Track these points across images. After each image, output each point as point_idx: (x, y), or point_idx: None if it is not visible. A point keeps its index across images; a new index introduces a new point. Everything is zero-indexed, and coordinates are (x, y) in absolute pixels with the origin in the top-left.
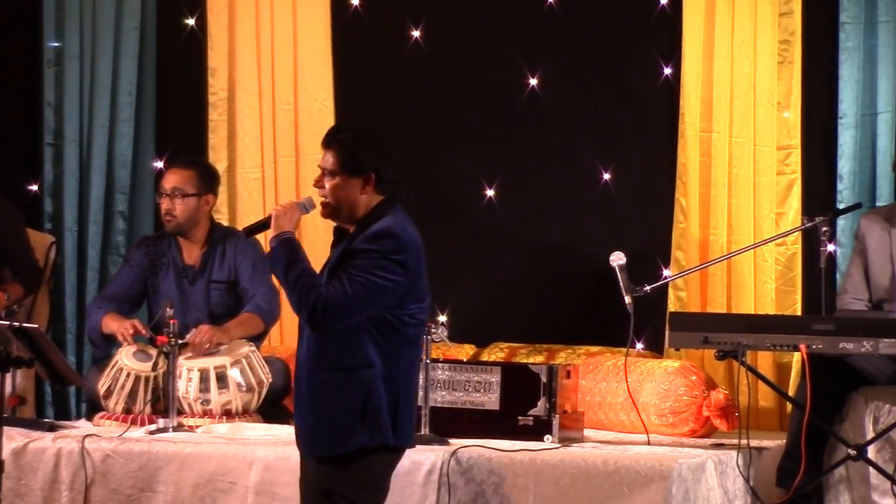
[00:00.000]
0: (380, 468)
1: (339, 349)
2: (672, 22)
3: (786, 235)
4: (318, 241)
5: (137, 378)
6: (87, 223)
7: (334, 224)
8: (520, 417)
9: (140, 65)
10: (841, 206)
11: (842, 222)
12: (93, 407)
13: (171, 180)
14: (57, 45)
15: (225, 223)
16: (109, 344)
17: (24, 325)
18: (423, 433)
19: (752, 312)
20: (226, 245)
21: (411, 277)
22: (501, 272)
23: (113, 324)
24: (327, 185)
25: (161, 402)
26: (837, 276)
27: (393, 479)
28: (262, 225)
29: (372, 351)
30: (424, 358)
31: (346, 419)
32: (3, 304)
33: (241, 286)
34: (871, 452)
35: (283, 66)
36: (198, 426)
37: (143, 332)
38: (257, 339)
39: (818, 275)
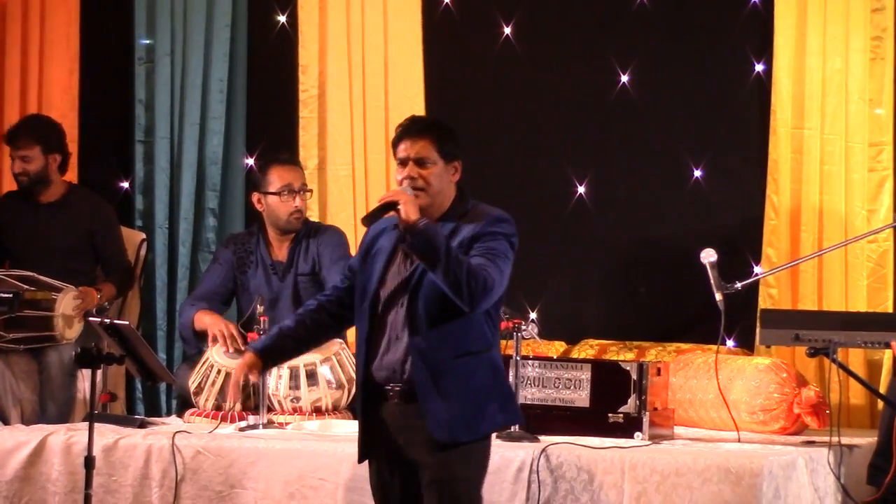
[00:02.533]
0: (490, 448)
1: (468, 333)
2: (763, 19)
3: (877, 232)
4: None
5: (228, 375)
6: (177, 220)
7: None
8: (610, 414)
9: (231, 62)
10: None
11: None
12: (183, 403)
13: (298, 177)
14: (148, 42)
15: (315, 220)
16: (201, 340)
17: (115, 321)
18: (513, 430)
19: (844, 310)
20: (310, 239)
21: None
22: (591, 269)
23: (206, 318)
24: (426, 174)
25: (251, 400)
26: None
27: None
28: (383, 209)
29: (488, 333)
30: (515, 355)
31: (486, 402)
32: (97, 303)
33: (321, 274)
34: None
35: (374, 63)
36: (287, 423)
37: (238, 341)
38: (344, 334)
39: None
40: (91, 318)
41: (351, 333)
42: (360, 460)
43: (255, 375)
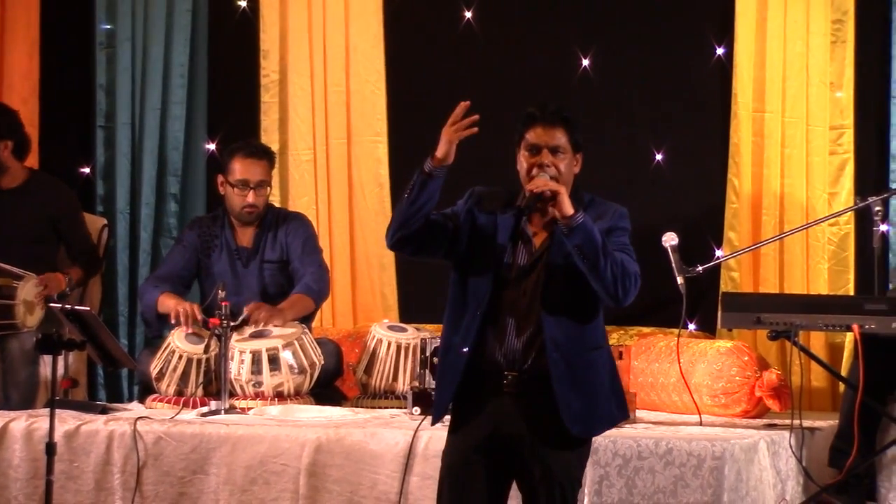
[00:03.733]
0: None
1: (598, 326)
2: (724, 2)
3: (839, 215)
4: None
5: (189, 360)
6: (139, 205)
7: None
8: None
9: (192, 47)
10: (894, 185)
11: (895, 202)
12: (145, 389)
13: (255, 172)
14: (109, 27)
15: (277, 205)
16: (163, 324)
17: (76, 307)
18: None
19: (805, 293)
20: (278, 226)
21: None
22: None
23: (170, 301)
24: (558, 163)
25: (213, 385)
26: (890, 255)
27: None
28: (538, 198)
29: (604, 328)
30: None
31: (612, 396)
32: (64, 286)
33: (291, 266)
34: None
35: (335, 47)
36: (250, 408)
37: (198, 317)
38: (307, 319)
39: (871, 255)
40: (52, 305)
41: (327, 318)
42: (435, 421)
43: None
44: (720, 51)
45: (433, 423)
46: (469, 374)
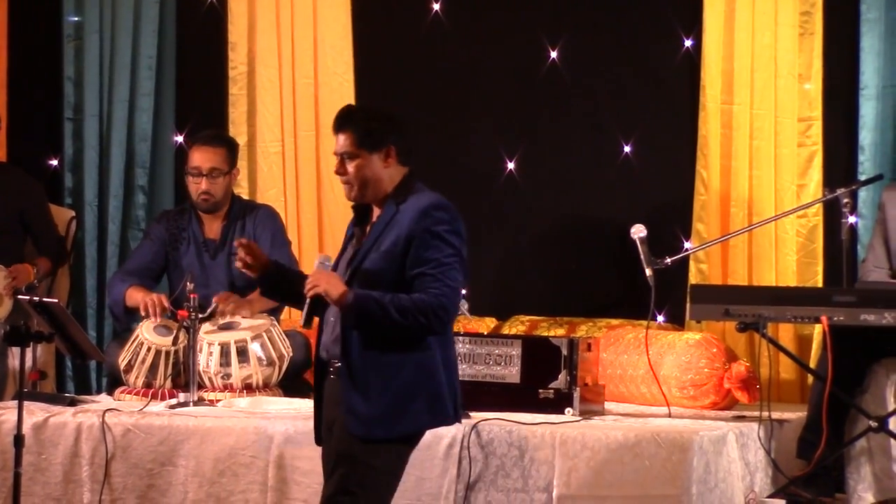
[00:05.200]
0: (409, 451)
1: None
2: None
3: (807, 207)
4: (340, 217)
5: (158, 352)
6: (107, 198)
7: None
8: (540, 390)
9: (160, 39)
10: (862, 177)
11: (863, 194)
12: (113, 381)
13: (207, 160)
14: (77, 19)
15: (245, 197)
16: (131, 317)
17: (44, 299)
18: None
19: (774, 284)
20: (245, 218)
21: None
22: (522, 245)
23: (138, 295)
24: (350, 168)
25: (182, 377)
26: (859, 247)
27: (414, 452)
28: (315, 305)
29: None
30: None
31: (409, 401)
32: (33, 277)
33: None
34: (893, 424)
35: (303, 39)
36: (218, 400)
37: (167, 307)
38: (276, 311)
39: (839, 247)
40: (20, 297)
41: (296, 311)
42: (317, 439)
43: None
44: (688, 43)
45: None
46: (317, 367)
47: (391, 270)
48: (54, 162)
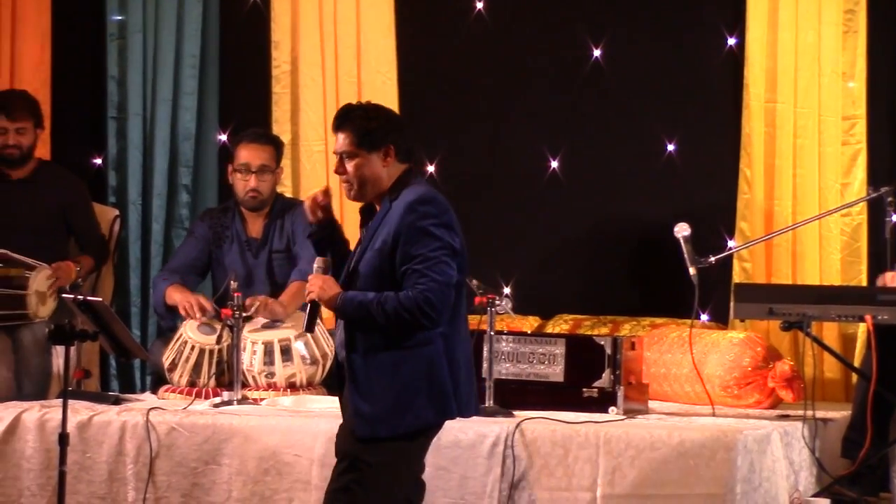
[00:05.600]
0: (417, 446)
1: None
2: None
3: (851, 206)
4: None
5: (202, 351)
6: (150, 197)
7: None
8: (584, 389)
9: (203, 38)
10: None
11: None
12: (157, 380)
13: (256, 157)
14: (120, 18)
15: (289, 196)
16: (174, 316)
17: (89, 298)
18: (487, 405)
19: (818, 283)
20: (286, 216)
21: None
22: (566, 244)
23: (176, 295)
24: (349, 167)
25: (225, 376)
26: None
27: (457, 450)
28: (314, 311)
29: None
30: (489, 330)
31: (412, 398)
32: (75, 276)
33: (294, 251)
34: None
35: (346, 38)
36: (262, 399)
37: (209, 308)
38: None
39: (883, 245)
40: (65, 295)
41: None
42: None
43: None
44: (732, 41)
45: None
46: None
47: (384, 268)
48: (98, 161)
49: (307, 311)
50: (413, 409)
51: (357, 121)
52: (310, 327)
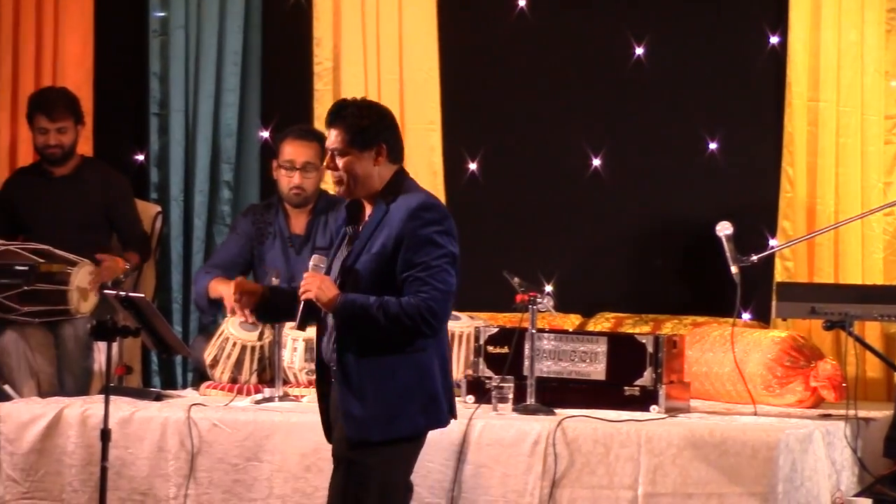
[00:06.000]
0: (412, 450)
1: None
2: None
3: (893, 205)
4: None
5: (244, 348)
6: (192, 193)
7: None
8: (626, 388)
9: (245, 34)
10: None
11: None
12: (199, 376)
13: (301, 154)
14: (162, 14)
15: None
16: (216, 309)
17: (131, 294)
18: (529, 403)
19: (860, 282)
20: (329, 213)
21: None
22: (607, 242)
23: (222, 287)
24: (340, 164)
25: (267, 372)
26: None
27: (499, 448)
28: (311, 308)
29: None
30: (530, 328)
31: (406, 403)
32: (122, 272)
33: None
34: None
35: (389, 35)
36: (303, 396)
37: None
38: None
39: None
40: (106, 291)
41: None
42: (329, 438)
43: (247, 303)
44: (774, 39)
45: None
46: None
47: (382, 272)
48: (140, 157)
49: (300, 309)
50: (406, 415)
51: (350, 118)
52: (302, 326)
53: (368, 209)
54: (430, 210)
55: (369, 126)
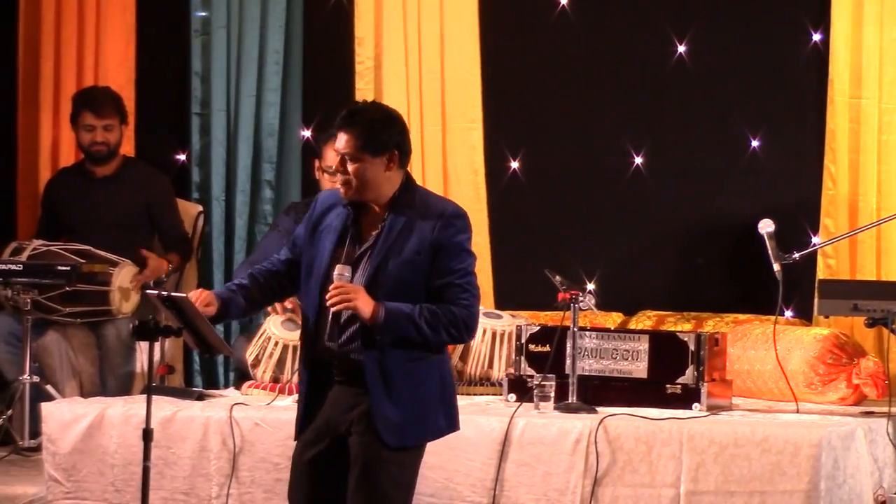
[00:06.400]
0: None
1: None
2: None
3: None
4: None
5: (286, 347)
6: (234, 192)
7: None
8: (668, 386)
9: (287, 34)
10: None
11: None
12: (241, 376)
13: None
14: (204, 14)
15: None
16: None
17: (173, 294)
18: (571, 401)
19: None
20: None
21: None
22: (649, 240)
23: None
24: (350, 169)
25: None
26: None
27: (540, 446)
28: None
29: None
30: (572, 326)
31: (434, 409)
32: (166, 272)
33: None
34: None
35: (430, 34)
36: None
37: (292, 303)
38: None
39: None
40: (148, 291)
41: None
42: (298, 436)
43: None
44: (816, 37)
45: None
46: (312, 368)
47: (416, 279)
48: (182, 157)
49: (331, 318)
50: (433, 419)
51: (364, 124)
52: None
53: (374, 212)
54: (461, 218)
55: (382, 131)
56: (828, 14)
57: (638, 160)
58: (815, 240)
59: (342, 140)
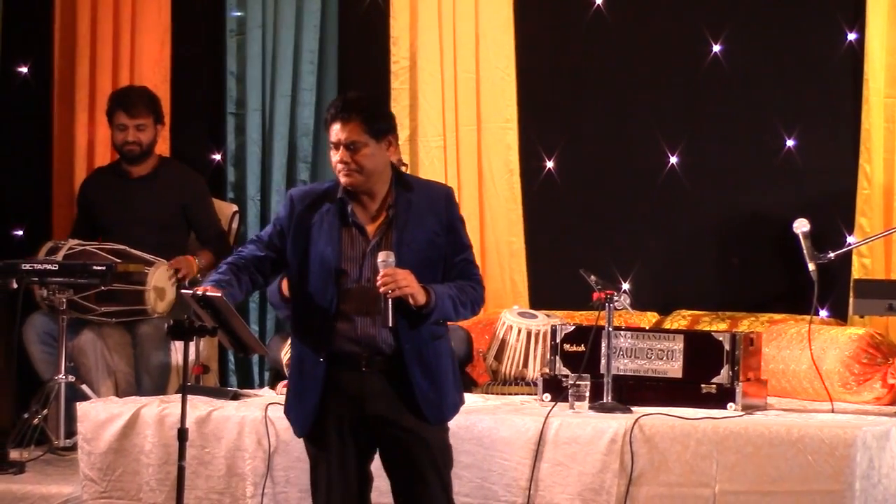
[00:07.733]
0: None
1: None
2: None
3: None
4: (501, 211)
5: None
6: (269, 192)
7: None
8: (703, 385)
9: (322, 34)
10: None
11: None
12: (276, 375)
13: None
14: (239, 14)
15: None
16: (288, 306)
17: (208, 293)
18: (605, 401)
19: None
20: None
21: None
22: (684, 240)
23: None
24: (359, 157)
25: None
26: None
27: (575, 446)
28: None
29: None
30: (607, 325)
31: (455, 383)
32: (196, 270)
33: None
34: None
35: (465, 34)
36: None
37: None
38: None
39: None
40: (183, 291)
41: None
42: (303, 433)
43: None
44: (851, 36)
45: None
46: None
47: (437, 257)
48: (217, 156)
49: (386, 306)
50: (459, 395)
51: (366, 111)
52: (394, 322)
53: (366, 201)
54: (454, 197)
55: (382, 117)
56: (863, 13)
57: (673, 160)
58: (850, 239)
59: (346, 129)
